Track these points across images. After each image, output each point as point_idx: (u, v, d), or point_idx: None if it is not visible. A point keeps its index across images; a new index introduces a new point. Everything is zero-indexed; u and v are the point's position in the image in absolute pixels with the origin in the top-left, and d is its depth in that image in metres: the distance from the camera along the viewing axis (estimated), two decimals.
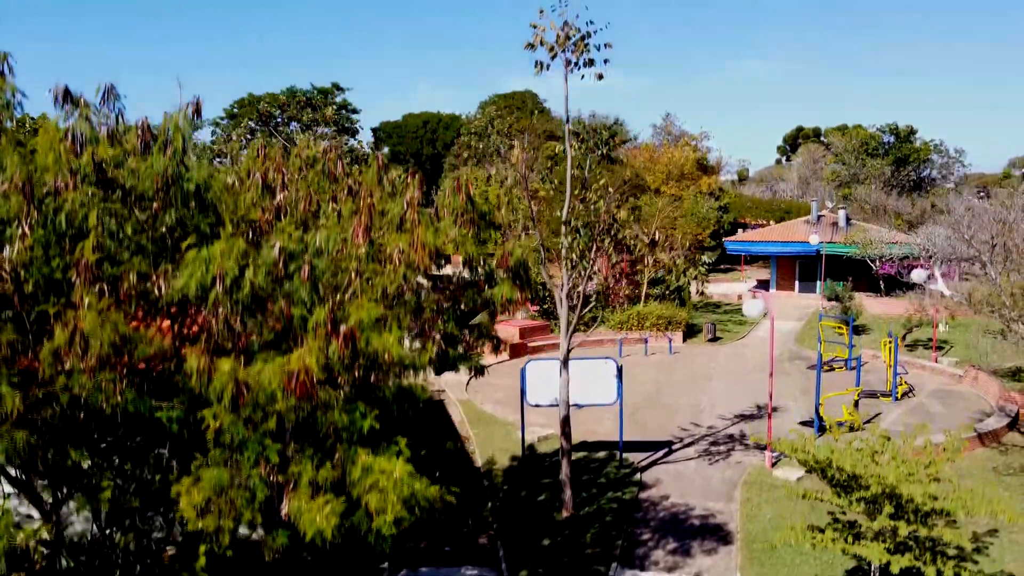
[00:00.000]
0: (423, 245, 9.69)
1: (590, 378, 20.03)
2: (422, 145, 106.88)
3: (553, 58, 16.43)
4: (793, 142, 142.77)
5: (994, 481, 19.20)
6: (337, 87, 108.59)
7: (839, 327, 32.83)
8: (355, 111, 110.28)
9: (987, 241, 17.31)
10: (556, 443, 19.77)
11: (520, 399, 20.99)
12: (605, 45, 16.07)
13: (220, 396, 7.19)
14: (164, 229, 8.68)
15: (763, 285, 56.09)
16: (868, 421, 24.76)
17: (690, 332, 39.24)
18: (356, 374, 8.38)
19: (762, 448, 21.35)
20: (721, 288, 56.11)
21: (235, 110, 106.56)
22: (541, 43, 16.43)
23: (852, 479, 12.32)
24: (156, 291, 7.92)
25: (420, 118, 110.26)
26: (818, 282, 49.35)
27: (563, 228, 17.02)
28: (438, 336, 10.65)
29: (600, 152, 18.37)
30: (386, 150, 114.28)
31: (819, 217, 52.41)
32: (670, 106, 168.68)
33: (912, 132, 76.00)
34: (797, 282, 51.41)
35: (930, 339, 34.75)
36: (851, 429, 23.65)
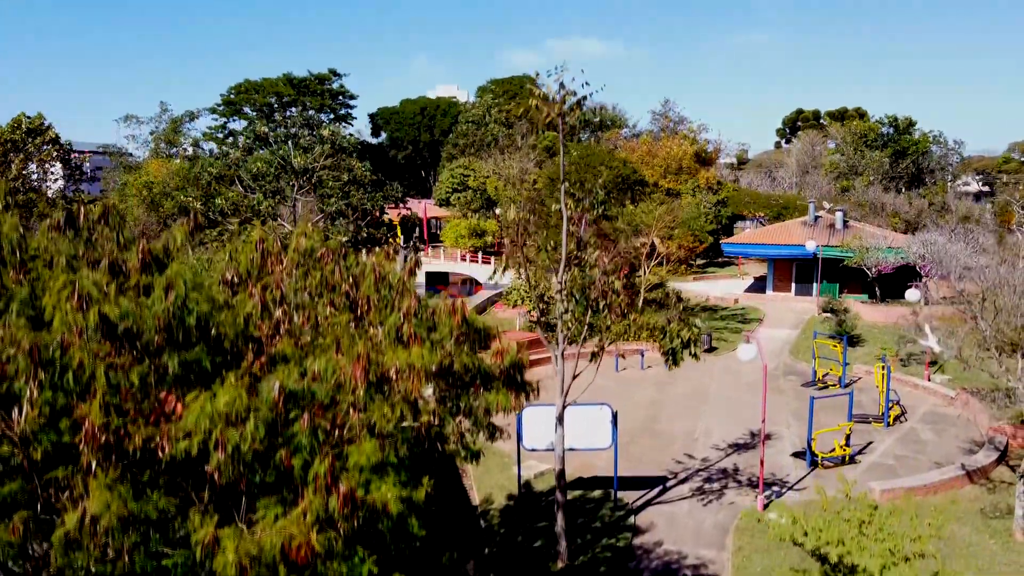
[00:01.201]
0: (421, 371, 9.90)
1: (586, 424, 20.37)
2: (419, 132, 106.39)
3: (548, 125, 16.54)
4: (793, 125, 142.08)
5: (981, 527, 19.61)
6: (334, 72, 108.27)
7: (834, 344, 33.10)
8: (352, 97, 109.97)
9: (978, 295, 17.51)
10: (552, 480, 20.11)
11: (516, 441, 21.30)
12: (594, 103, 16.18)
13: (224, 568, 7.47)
14: (169, 375, 8.89)
15: (760, 282, 56.29)
16: (860, 451, 25.19)
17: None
18: (355, 523, 8.65)
19: (754, 486, 21.77)
20: (719, 287, 56.40)
21: (232, 95, 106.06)
22: (536, 108, 16.54)
23: (838, 566, 12.67)
24: (160, 452, 8.16)
25: (417, 104, 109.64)
26: (815, 284, 49.62)
27: (558, 295, 17.22)
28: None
29: (596, 212, 18.45)
30: (384, 136, 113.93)
31: (816, 218, 52.51)
32: (670, 79, 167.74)
33: (911, 124, 75.78)
34: (794, 284, 51.61)
35: (923, 351, 35.04)
36: (843, 462, 24.12)
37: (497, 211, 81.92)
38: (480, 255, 69.54)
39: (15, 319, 8.76)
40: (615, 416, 20.64)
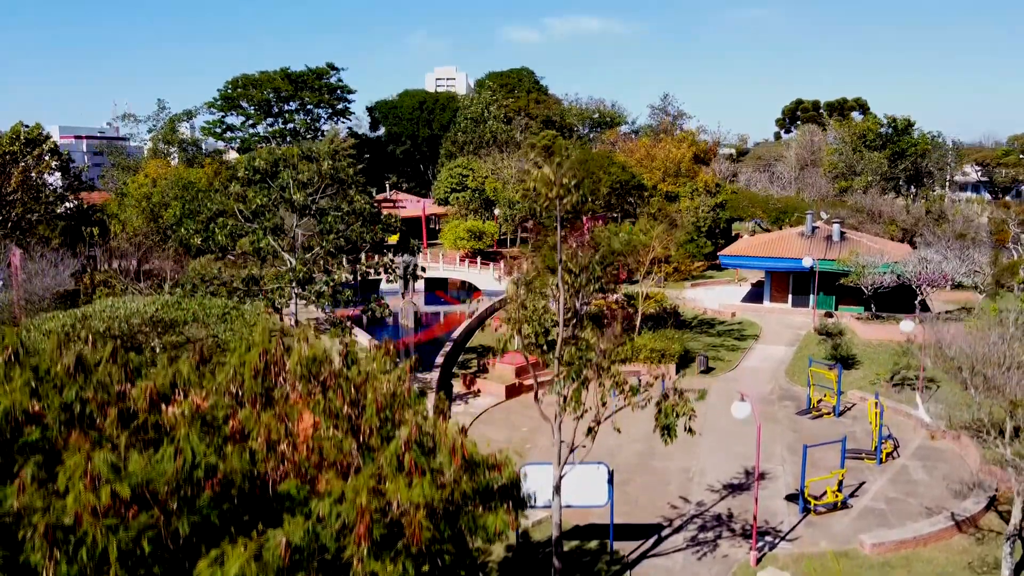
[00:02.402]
0: (423, 507, 10.25)
1: (583, 482, 20.76)
2: (418, 127, 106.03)
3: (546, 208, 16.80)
4: (792, 115, 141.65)
5: None
6: (332, 67, 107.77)
7: (828, 373, 33.46)
8: (350, 91, 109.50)
9: (968, 367, 17.83)
10: (550, 529, 20.52)
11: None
12: None
13: None
14: (181, 539, 9.23)
15: (758, 289, 56.55)
16: (852, 493, 25.62)
17: (684, 361, 39.92)
18: None
19: (748, 536, 22.24)
20: (716, 294, 56.61)
21: (229, 90, 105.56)
22: (535, 191, 16.81)
23: None
24: None
25: (416, 98, 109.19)
26: (812, 296, 49.89)
27: (556, 369, 17.53)
28: None
29: (593, 287, 18.72)
30: (383, 130, 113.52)
31: (814, 228, 52.70)
32: (669, 59, 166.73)
33: (910, 124, 75.74)
34: (791, 295, 51.94)
35: (917, 376, 35.46)
36: (835, 508, 24.58)
37: (496, 212, 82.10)
38: (479, 259, 69.67)
39: (30, 486, 9.08)
40: (611, 474, 21.05)
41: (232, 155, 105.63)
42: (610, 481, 21.00)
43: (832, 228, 51.53)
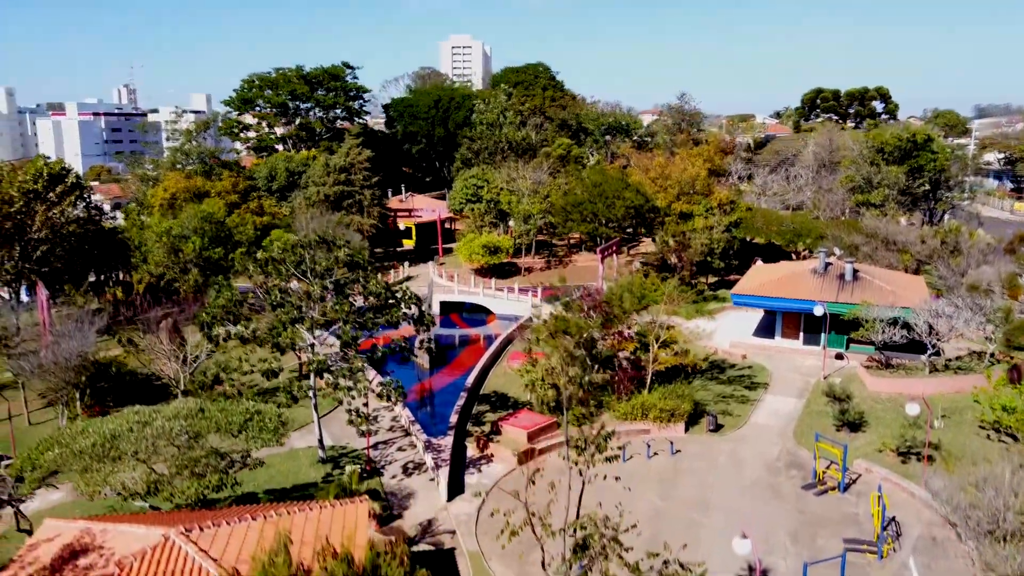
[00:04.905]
0: None
1: None
2: (433, 126, 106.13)
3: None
4: (811, 104, 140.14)
5: None
6: (347, 65, 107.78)
7: (835, 449, 34.03)
8: (364, 91, 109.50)
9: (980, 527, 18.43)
10: None
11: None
12: None
13: None
14: None
15: (770, 319, 56.63)
16: None
17: (693, 418, 40.60)
18: None
19: None
20: (726, 326, 56.49)
21: (246, 90, 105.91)
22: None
23: None
24: None
25: (431, 96, 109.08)
26: (823, 335, 50.26)
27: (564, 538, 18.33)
28: None
29: (600, 450, 19.42)
30: (397, 128, 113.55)
31: (827, 266, 52.80)
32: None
33: (929, 139, 75.00)
34: (802, 333, 52.29)
35: (924, 442, 35.96)
36: None
37: (511, 223, 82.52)
38: (493, 281, 70.25)
39: None
40: None
41: (249, 159, 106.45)
42: None
43: (845, 267, 51.63)
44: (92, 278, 61.40)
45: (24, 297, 56.47)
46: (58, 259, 54.36)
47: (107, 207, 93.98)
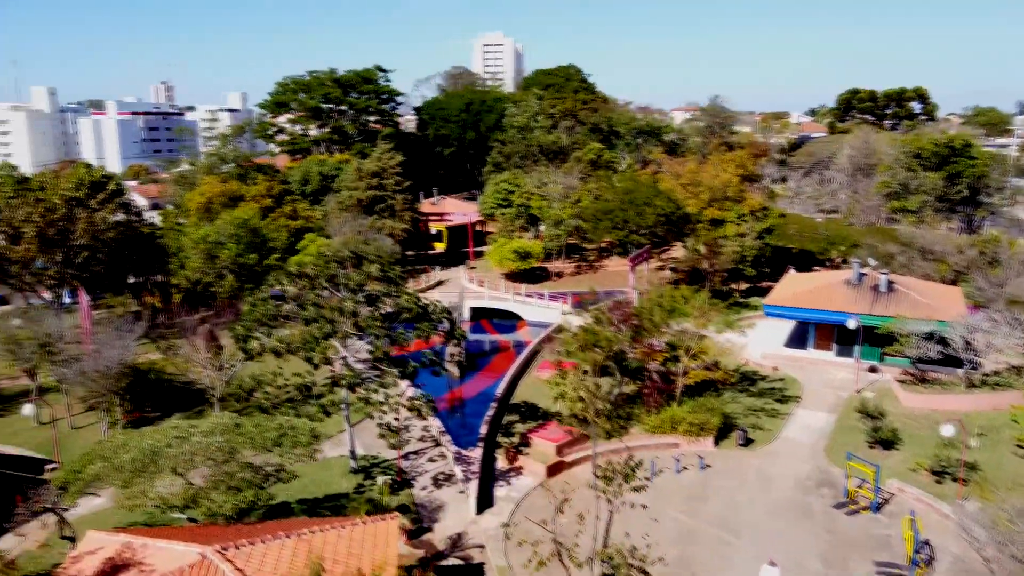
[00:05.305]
0: None
1: None
2: (464, 129, 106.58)
3: None
4: (847, 105, 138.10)
5: None
6: (380, 68, 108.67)
7: (867, 469, 33.68)
8: (397, 94, 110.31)
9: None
10: None
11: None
12: None
13: None
14: None
15: (802, 328, 55.98)
16: None
17: (723, 432, 40.42)
18: None
19: None
20: (758, 334, 55.86)
21: (282, 93, 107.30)
22: None
23: None
24: None
25: (462, 99, 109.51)
26: (856, 347, 49.67)
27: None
28: None
29: (628, 480, 19.54)
30: (428, 130, 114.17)
31: (861, 276, 52.18)
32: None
33: (968, 145, 73.62)
34: (835, 344, 51.77)
35: (959, 461, 35.40)
36: None
37: (541, 228, 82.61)
38: (524, 287, 70.48)
39: None
40: None
41: (283, 159, 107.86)
42: None
43: (880, 278, 50.98)
44: (131, 279, 62.82)
45: (66, 298, 57.89)
46: (99, 264, 55.67)
47: (144, 204, 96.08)
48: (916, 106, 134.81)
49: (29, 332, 42.15)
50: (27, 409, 36.71)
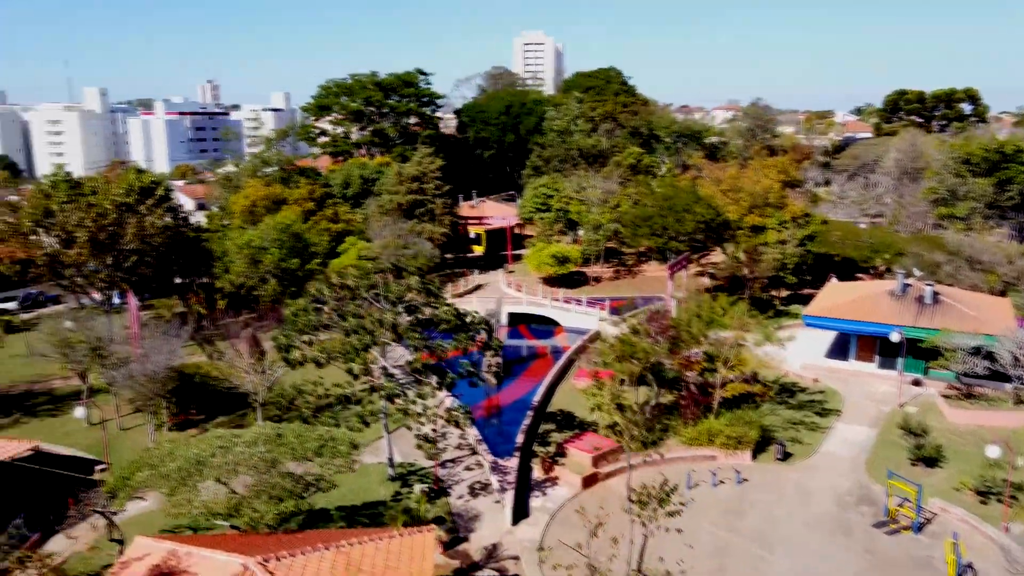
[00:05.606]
0: None
1: None
2: (504, 132, 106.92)
3: None
4: (894, 107, 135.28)
5: None
6: (420, 72, 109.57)
7: (909, 488, 33.13)
8: (438, 97, 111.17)
9: None
10: None
11: None
12: None
13: None
14: None
15: (844, 339, 55.10)
16: None
17: (761, 445, 40.06)
18: None
19: None
20: (800, 341, 54.88)
21: (324, 96, 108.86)
22: None
23: None
24: None
25: (502, 101, 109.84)
26: (899, 359, 48.78)
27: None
28: None
29: (663, 505, 19.59)
30: (468, 133, 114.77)
31: (905, 287, 51.24)
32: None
33: (1019, 150, 71.65)
34: (877, 356, 50.90)
35: (1005, 482, 34.63)
36: None
37: (580, 232, 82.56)
38: (561, 292, 70.56)
39: None
40: None
41: (326, 159, 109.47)
42: None
43: (925, 289, 50.00)
44: (176, 280, 64.41)
45: (115, 299, 59.54)
46: (147, 267, 57.19)
47: (190, 205, 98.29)
48: (966, 107, 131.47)
49: (81, 335, 43.49)
50: (79, 412, 37.94)
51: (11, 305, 70.97)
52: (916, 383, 48.08)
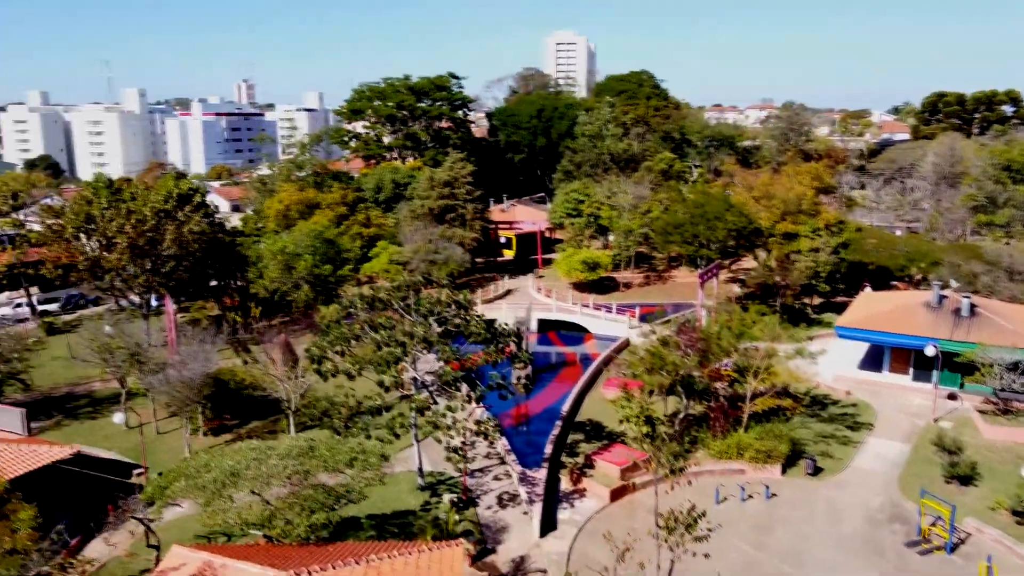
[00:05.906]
0: None
1: None
2: (535, 136, 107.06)
3: None
4: (932, 109, 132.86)
5: None
6: (453, 75, 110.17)
7: (942, 508, 32.68)
8: (469, 101, 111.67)
9: None
10: None
11: None
12: None
13: None
14: None
15: (877, 350, 54.39)
16: None
17: (790, 460, 39.74)
18: None
19: None
20: (832, 352, 54.19)
21: (357, 100, 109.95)
22: None
23: None
24: None
25: (534, 105, 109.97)
26: (934, 372, 48.05)
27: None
28: None
29: (690, 531, 19.67)
30: (500, 136, 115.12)
31: (941, 299, 50.45)
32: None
33: None
34: (912, 368, 50.18)
35: None
36: None
37: (610, 238, 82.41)
38: (592, 298, 70.54)
39: None
40: None
41: (358, 162, 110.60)
42: None
43: (962, 301, 49.19)
44: (212, 283, 65.63)
45: (153, 302, 60.82)
46: (184, 271, 58.35)
47: (226, 206, 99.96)
48: (1008, 109, 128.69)
49: (120, 341, 44.55)
50: (118, 417, 38.88)
51: (53, 307, 72.88)
52: (952, 397, 47.35)
